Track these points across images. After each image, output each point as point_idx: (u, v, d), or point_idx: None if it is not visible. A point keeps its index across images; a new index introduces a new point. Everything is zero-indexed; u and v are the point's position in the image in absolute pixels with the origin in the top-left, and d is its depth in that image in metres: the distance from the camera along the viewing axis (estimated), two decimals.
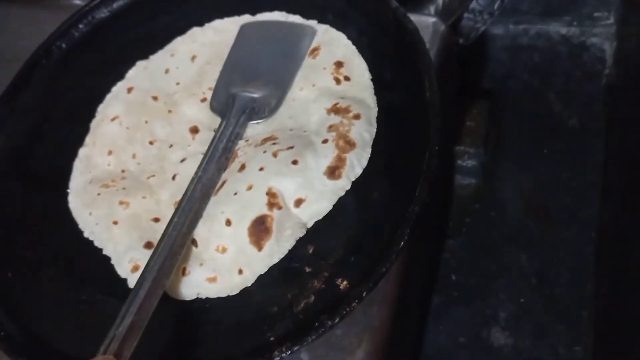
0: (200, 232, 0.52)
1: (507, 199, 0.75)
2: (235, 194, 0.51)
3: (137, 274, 0.51)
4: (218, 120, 0.58)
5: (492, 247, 0.74)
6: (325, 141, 0.52)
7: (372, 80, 0.56)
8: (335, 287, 0.47)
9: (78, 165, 0.59)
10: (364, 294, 0.44)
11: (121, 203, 0.55)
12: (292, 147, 0.52)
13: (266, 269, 0.49)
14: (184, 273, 0.51)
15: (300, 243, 0.50)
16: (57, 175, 0.59)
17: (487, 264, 0.73)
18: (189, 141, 0.59)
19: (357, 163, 0.51)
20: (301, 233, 0.50)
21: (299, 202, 0.50)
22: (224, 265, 0.50)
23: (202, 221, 0.52)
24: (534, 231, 0.73)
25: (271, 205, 0.50)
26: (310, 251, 0.49)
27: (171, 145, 0.59)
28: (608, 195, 0.72)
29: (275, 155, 0.52)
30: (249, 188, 0.51)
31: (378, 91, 0.55)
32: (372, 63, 0.57)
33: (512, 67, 0.84)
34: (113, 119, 0.60)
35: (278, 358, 0.43)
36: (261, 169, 0.52)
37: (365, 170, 0.52)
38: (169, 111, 0.60)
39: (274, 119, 0.57)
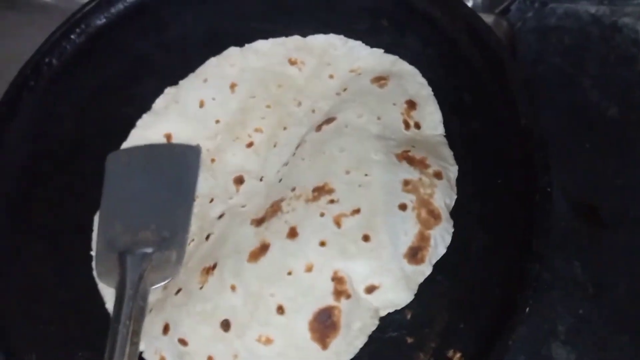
0: (238, 313, 0.42)
1: (552, 202, 0.70)
2: (290, 273, 0.42)
3: None
4: (268, 165, 0.49)
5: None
6: (403, 207, 0.43)
7: (444, 136, 0.48)
8: None
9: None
10: None
11: None
12: (358, 212, 0.43)
13: None
14: None
15: None
16: (71, 232, 0.50)
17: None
18: (231, 193, 0.49)
19: (440, 242, 0.43)
20: (373, 326, 0.42)
21: (371, 289, 0.42)
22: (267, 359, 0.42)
23: (242, 300, 0.43)
24: (584, 236, 0.68)
25: (338, 293, 0.41)
26: (409, 317, 0.43)
27: (211, 200, 0.49)
28: None
29: (338, 224, 0.43)
30: (309, 269, 0.42)
31: (457, 116, 0.48)
32: (446, 81, 0.49)
33: (542, 50, 0.77)
34: None
35: None
36: (322, 244, 0.42)
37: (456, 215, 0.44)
38: (212, 160, 0.51)
39: (320, 149, 0.47)
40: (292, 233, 0.43)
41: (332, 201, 0.44)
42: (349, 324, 0.41)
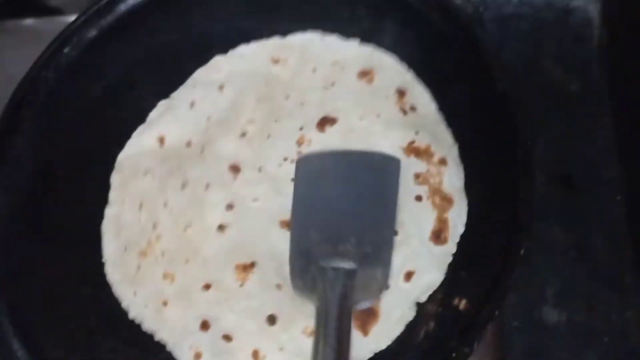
0: (285, 307, 0.45)
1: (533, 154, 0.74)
2: None
3: None
4: (263, 156, 0.51)
5: None
6: (419, 198, 0.47)
7: (439, 110, 0.52)
8: (453, 309, 0.44)
9: (108, 227, 0.51)
10: (496, 313, 0.41)
11: (165, 277, 0.48)
12: None
13: (371, 355, 0.44)
14: (256, 357, 0.45)
15: None
16: (83, 233, 0.52)
17: None
18: (229, 181, 0.51)
19: (458, 221, 0.47)
20: (411, 315, 0.45)
21: (408, 276, 0.46)
22: None
23: (289, 296, 0.45)
24: (561, 203, 0.72)
25: None
26: None
27: (207, 186, 0.51)
28: (624, 155, 0.72)
29: None
30: None
31: (440, 89, 0.51)
32: (425, 58, 0.53)
33: (503, 38, 0.82)
34: (145, 173, 0.53)
35: None
36: None
37: None
38: (202, 150, 0.53)
39: None
40: None
41: None
42: (388, 312, 0.44)
